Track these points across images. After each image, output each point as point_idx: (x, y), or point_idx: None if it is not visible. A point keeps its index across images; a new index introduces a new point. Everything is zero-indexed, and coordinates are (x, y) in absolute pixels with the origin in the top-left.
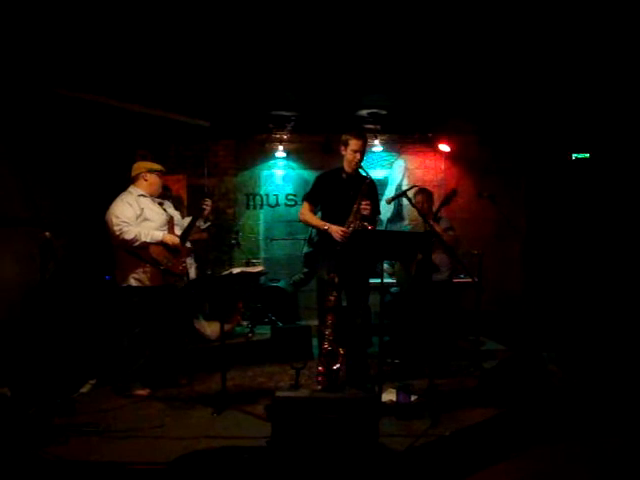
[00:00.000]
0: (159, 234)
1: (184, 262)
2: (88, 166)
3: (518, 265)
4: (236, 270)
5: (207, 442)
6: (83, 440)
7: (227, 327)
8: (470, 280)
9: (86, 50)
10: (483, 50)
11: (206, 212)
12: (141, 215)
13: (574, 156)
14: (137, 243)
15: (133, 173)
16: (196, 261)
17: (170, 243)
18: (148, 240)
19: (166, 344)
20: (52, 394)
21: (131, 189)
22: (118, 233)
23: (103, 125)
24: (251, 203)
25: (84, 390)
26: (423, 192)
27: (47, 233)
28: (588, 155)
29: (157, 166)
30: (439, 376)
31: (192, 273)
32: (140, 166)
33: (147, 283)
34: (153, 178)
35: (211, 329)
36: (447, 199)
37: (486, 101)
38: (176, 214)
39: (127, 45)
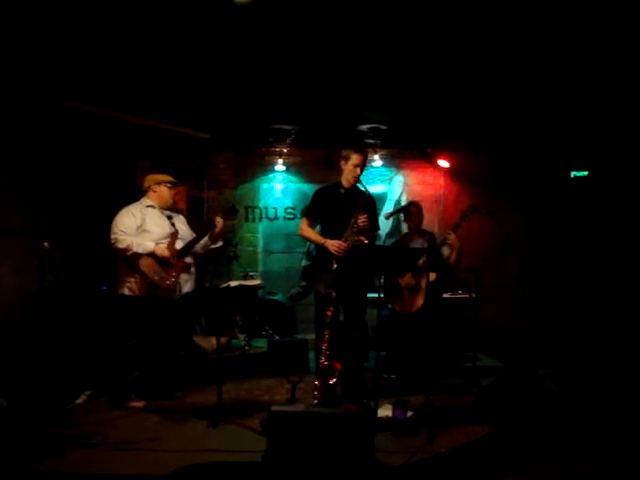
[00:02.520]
0: (150, 245)
1: (174, 277)
2: (88, 177)
3: (516, 282)
4: (234, 283)
5: (202, 455)
6: (78, 452)
7: (223, 340)
8: (467, 296)
9: (88, 62)
10: (482, 67)
11: (217, 230)
12: (141, 226)
13: (573, 174)
14: (129, 253)
15: (145, 185)
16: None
17: (159, 254)
18: (140, 251)
19: (162, 356)
20: (48, 405)
21: (142, 200)
22: (113, 241)
23: (103, 136)
24: (250, 216)
25: (79, 401)
26: (415, 205)
27: (45, 243)
28: (587, 173)
29: (166, 177)
30: (436, 392)
31: (187, 289)
32: (150, 178)
33: (138, 293)
34: (162, 190)
35: (208, 342)
36: (465, 216)
37: (485, 118)
38: (184, 229)
39: (128, 57)
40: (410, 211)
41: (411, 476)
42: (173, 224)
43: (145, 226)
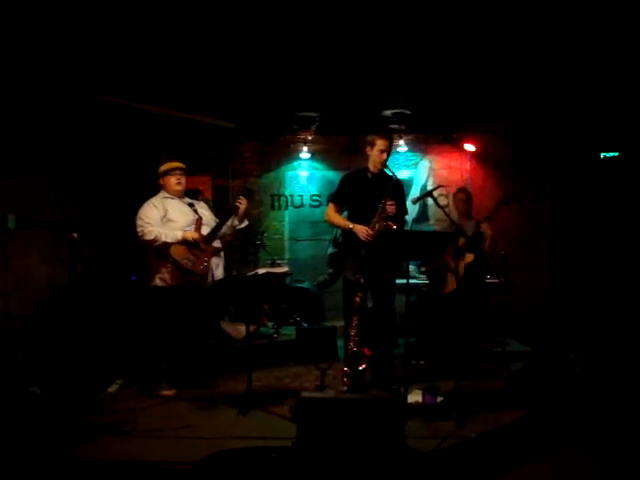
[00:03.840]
0: (178, 233)
1: (206, 262)
2: (116, 168)
3: (545, 265)
4: (261, 271)
5: (233, 442)
6: (110, 439)
7: (252, 328)
8: (497, 281)
9: (113, 54)
10: (509, 49)
11: (241, 210)
12: (165, 216)
13: (603, 155)
14: (157, 243)
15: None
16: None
17: (190, 239)
18: (169, 240)
19: (192, 345)
20: (80, 394)
21: (160, 192)
22: (140, 234)
23: (130, 128)
24: (276, 204)
25: (111, 390)
26: (464, 191)
27: (75, 234)
28: (617, 154)
29: (167, 166)
30: (465, 377)
31: (219, 272)
32: (158, 172)
33: (171, 283)
34: (167, 180)
35: (236, 330)
36: (504, 201)
37: (512, 100)
38: (208, 215)
39: (153, 48)
40: (458, 198)
41: (442, 461)
42: (195, 211)
43: (169, 216)
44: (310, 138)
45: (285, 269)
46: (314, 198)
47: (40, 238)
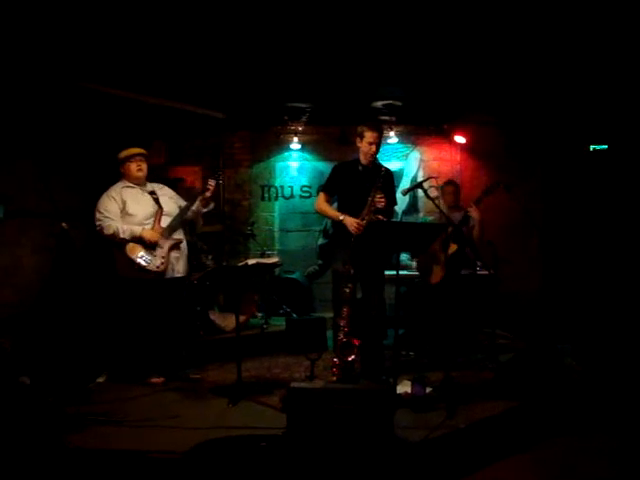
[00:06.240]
0: (137, 230)
1: (163, 259)
2: (106, 158)
3: (535, 257)
4: (251, 261)
5: (222, 432)
6: (100, 429)
7: (242, 318)
8: (486, 272)
9: (104, 43)
10: (500, 40)
11: (208, 193)
12: (124, 209)
13: (592, 147)
14: (117, 239)
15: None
16: (211, 252)
17: (148, 239)
18: (127, 237)
19: (178, 335)
20: (69, 383)
21: (120, 181)
22: (99, 228)
23: (121, 118)
24: (266, 195)
25: (100, 380)
26: (452, 184)
27: (64, 224)
28: (606, 146)
29: (124, 153)
30: (455, 368)
31: (179, 267)
32: (118, 158)
33: (129, 275)
34: (127, 166)
35: (226, 320)
36: (489, 190)
37: (503, 92)
38: (170, 203)
39: (144, 38)
40: (447, 190)
41: (431, 451)
42: (157, 199)
43: (127, 209)
44: (301, 129)
45: (275, 260)
46: (304, 189)
47: (30, 228)
